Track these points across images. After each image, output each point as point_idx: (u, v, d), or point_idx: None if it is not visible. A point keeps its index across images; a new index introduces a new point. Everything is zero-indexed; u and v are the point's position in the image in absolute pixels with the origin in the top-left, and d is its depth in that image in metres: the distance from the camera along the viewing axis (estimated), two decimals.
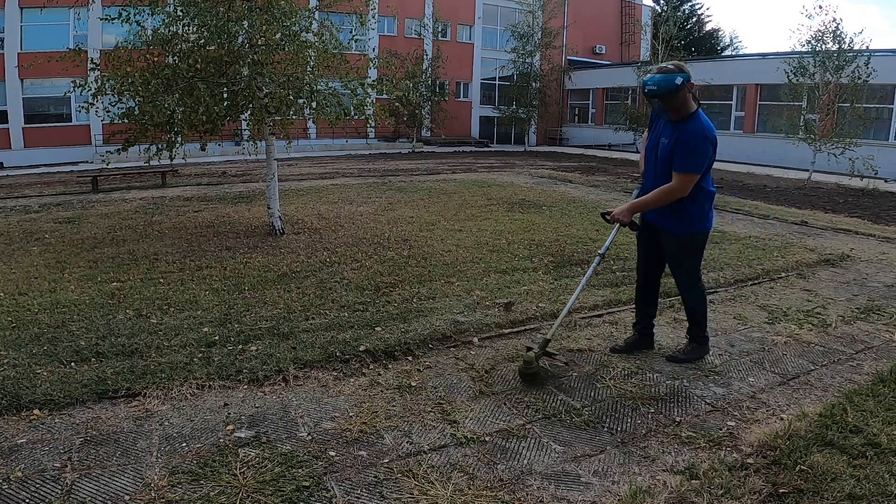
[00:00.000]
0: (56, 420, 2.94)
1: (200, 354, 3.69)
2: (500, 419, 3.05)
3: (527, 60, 27.83)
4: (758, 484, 2.46)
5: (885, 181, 15.56)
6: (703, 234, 3.67)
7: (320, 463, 2.61)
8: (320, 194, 11.33)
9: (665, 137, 3.44)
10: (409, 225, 8.11)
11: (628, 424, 3.03)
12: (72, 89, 6.71)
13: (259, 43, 7.11)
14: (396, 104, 21.84)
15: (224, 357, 3.66)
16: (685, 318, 4.00)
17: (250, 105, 6.82)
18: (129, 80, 6.73)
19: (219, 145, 20.81)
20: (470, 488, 2.47)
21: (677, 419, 3.08)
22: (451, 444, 2.80)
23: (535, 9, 27.36)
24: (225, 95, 7.03)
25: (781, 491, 2.41)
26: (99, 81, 6.76)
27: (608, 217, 3.56)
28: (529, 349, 3.62)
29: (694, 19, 41.17)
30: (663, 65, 3.37)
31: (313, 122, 9.39)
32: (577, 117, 32.80)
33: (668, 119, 3.48)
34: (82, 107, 7.00)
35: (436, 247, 6.76)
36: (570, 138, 31.50)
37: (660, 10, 27.48)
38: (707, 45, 42.90)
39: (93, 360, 3.59)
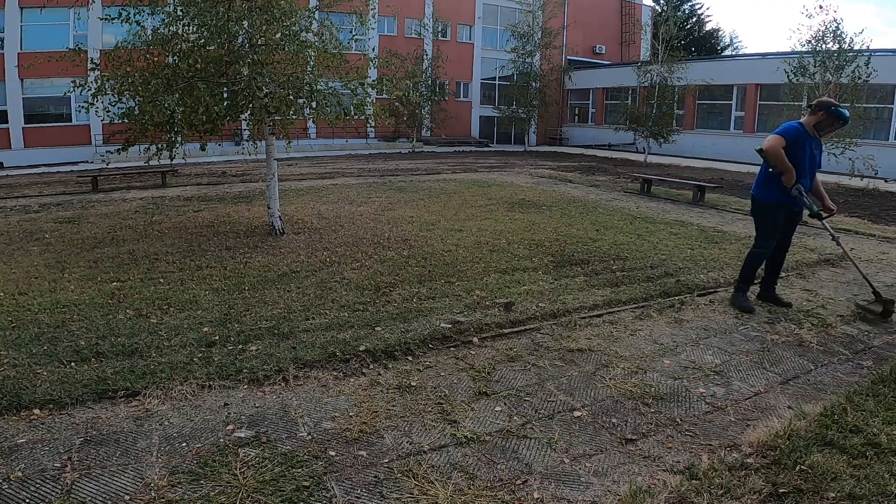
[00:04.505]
0: (56, 420, 2.94)
1: (200, 354, 3.70)
2: (500, 419, 3.05)
3: (527, 60, 27.80)
4: (758, 484, 2.46)
5: (885, 181, 15.56)
6: None
7: (320, 463, 2.61)
8: (320, 194, 11.33)
9: (816, 150, 4.74)
10: (409, 225, 8.11)
11: (628, 424, 3.03)
12: (72, 89, 6.69)
13: (259, 43, 7.11)
14: (396, 104, 21.79)
15: (224, 357, 3.66)
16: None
17: (250, 105, 6.81)
18: (129, 80, 6.73)
19: (219, 145, 20.82)
20: (470, 488, 2.47)
21: (677, 419, 3.09)
22: (451, 444, 2.80)
23: (535, 9, 27.34)
24: (225, 95, 7.02)
25: (781, 491, 2.41)
26: (99, 81, 6.75)
27: (826, 213, 4.81)
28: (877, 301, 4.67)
29: (694, 19, 41.20)
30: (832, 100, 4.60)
31: (313, 122, 9.38)
32: (577, 117, 32.79)
33: (815, 135, 4.69)
34: (82, 107, 6.99)
35: (436, 247, 6.76)
36: (570, 138, 31.51)
37: (660, 10, 27.44)
38: (707, 45, 42.91)
39: (93, 359, 3.59)
